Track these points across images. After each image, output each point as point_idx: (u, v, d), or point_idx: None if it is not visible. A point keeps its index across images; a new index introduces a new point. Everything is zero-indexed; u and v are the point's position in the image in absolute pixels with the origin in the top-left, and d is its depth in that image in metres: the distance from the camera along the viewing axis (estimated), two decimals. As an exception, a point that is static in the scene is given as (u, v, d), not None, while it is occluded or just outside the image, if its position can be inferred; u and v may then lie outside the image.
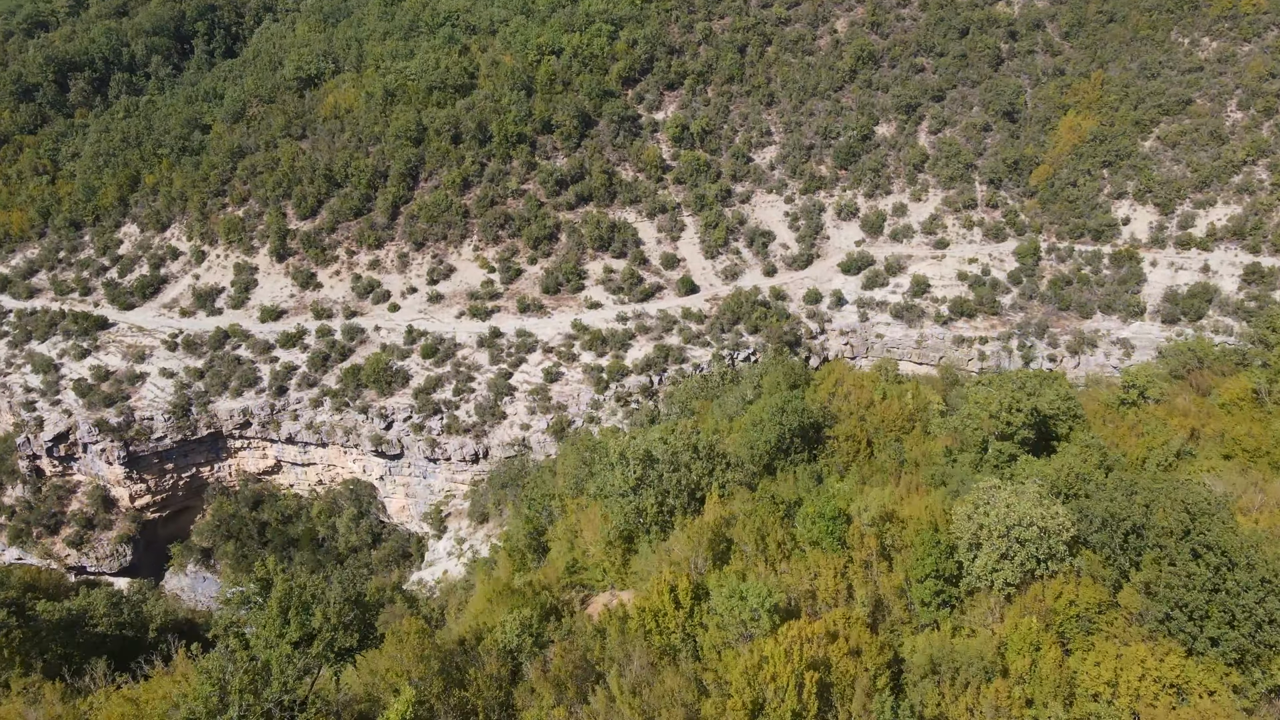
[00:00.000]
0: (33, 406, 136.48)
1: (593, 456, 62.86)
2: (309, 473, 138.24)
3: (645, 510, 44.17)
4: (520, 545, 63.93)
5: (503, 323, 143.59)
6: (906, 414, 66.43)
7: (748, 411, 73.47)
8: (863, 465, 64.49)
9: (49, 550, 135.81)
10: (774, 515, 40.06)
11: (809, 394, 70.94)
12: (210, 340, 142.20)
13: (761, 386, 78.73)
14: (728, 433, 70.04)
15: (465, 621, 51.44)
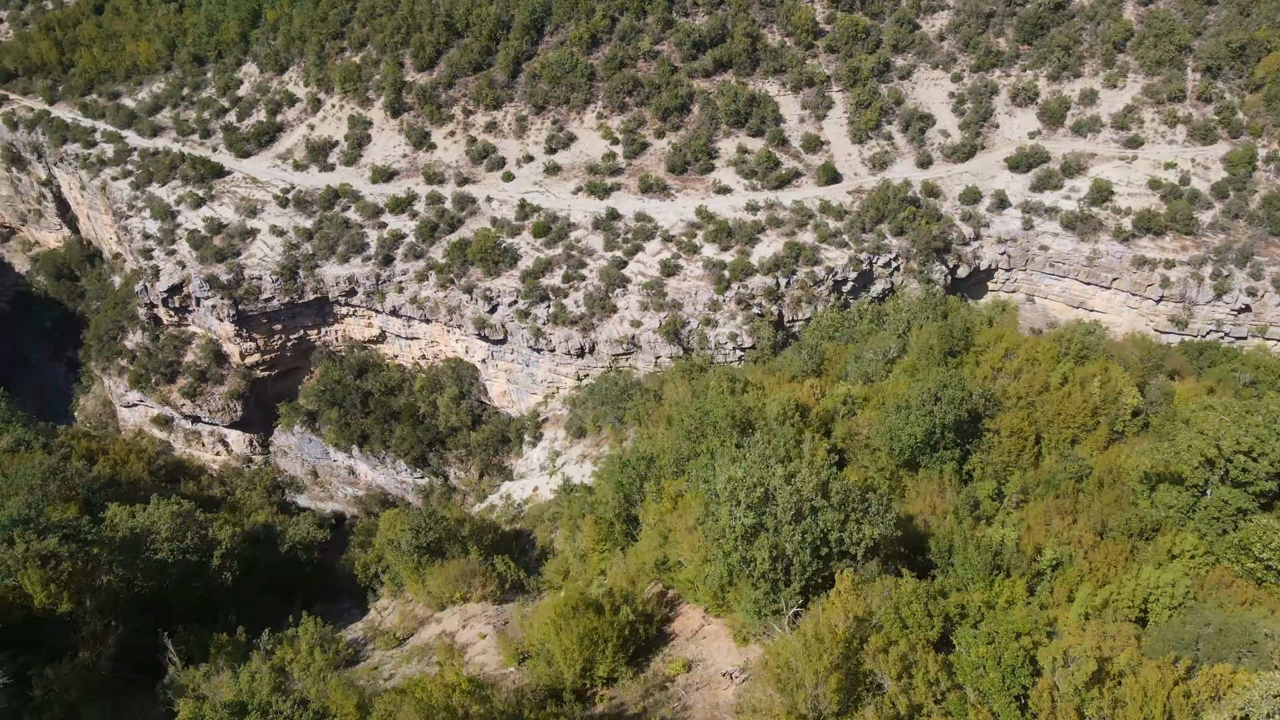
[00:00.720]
0: (150, 254, 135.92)
1: (700, 430, 53.18)
2: (413, 346, 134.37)
3: (755, 561, 34.70)
4: (609, 515, 55.88)
5: (622, 203, 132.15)
6: (1090, 407, 53.54)
7: (890, 375, 61.67)
8: (1026, 470, 52.58)
9: (166, 398, 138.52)
10: (923, 632, 30.05)
11: (969, 367, 58.40)
12: (320, 199, 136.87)
13: (907, 341, 66.35)
14: (863, 402, 58.76)
15: (531, 634, 44.05)
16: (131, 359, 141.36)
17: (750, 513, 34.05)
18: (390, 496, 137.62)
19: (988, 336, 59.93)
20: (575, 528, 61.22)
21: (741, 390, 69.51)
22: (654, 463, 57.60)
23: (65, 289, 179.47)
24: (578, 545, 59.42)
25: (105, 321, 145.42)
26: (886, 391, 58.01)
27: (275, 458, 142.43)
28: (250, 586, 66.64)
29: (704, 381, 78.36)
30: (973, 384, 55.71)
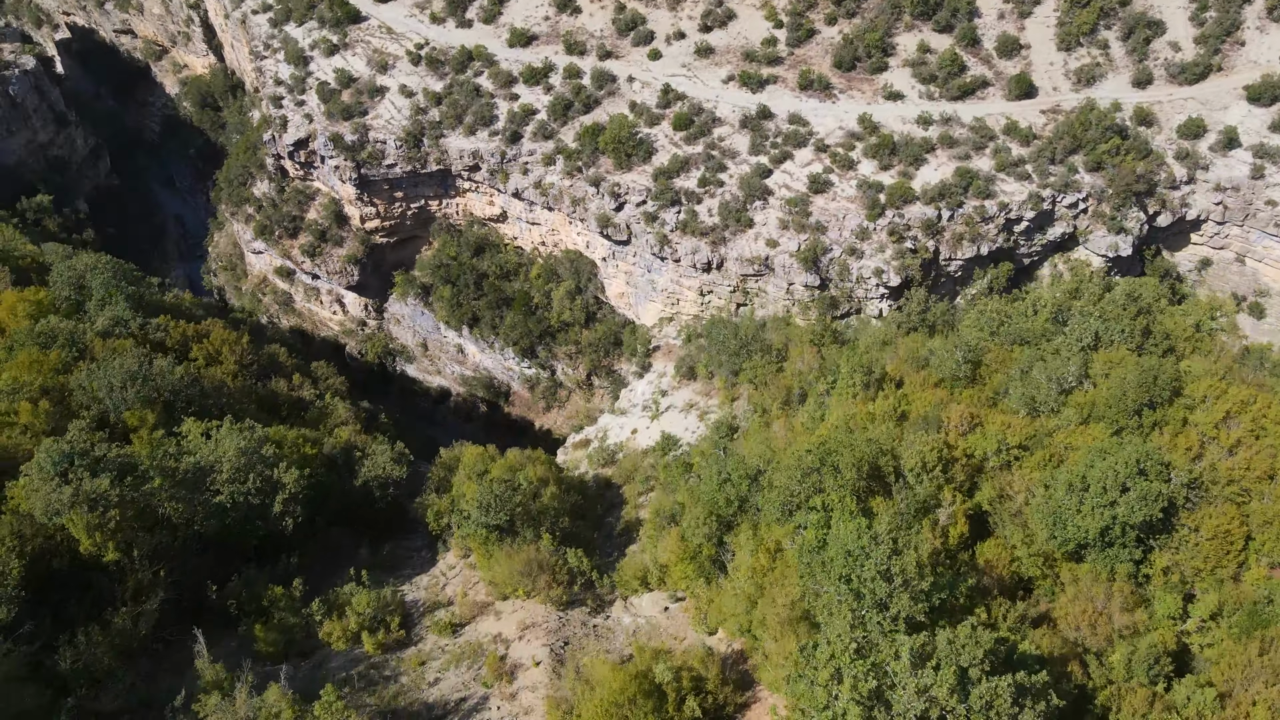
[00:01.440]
0: (280, 102, 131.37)
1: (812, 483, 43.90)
2: (533, 232, 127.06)
3: None
4: (697, 536, 48.37)
5: (776, 100, 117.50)
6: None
7: (1063, 411, 50.30)
8: (1224, 583, 41.48)
9: (287, 252, 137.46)
10: None
11: (1171, 431, 46.10)
12: (453, 61, 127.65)
13: (1091, 360, 53.93)
14: (1021, 452, 47.84)
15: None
16: (258, 208, 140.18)
17: (859, 709, 25.79)
18: (496, 381, 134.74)
19: (1203, 388, 46.65)
20: (661, 528, 54.12)
21: (876, 385, 59.30)
22: (757, 482, 49.21)
23: (208, 118, 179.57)
24: (659, 554, 52.53)
25: (236, 166, 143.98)
26: (1056, 444, 46.86)
27: (389, 324, 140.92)
28: (322, 516, 63.60)
29: (834, 358, 68.17)
30: (1174, 455, 44.01)
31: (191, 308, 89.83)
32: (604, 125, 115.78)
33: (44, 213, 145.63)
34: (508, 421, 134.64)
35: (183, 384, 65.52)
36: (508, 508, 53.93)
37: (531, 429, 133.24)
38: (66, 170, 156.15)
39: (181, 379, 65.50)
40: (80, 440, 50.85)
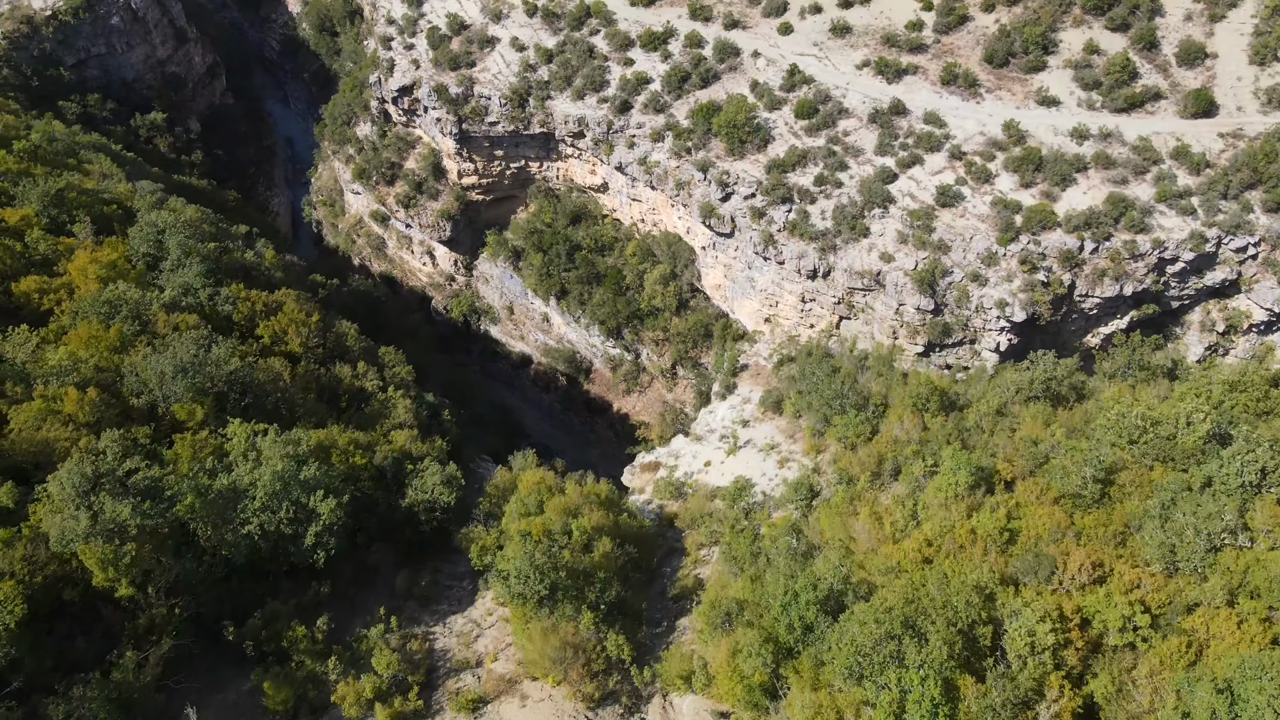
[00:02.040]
0: (389, 43, 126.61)
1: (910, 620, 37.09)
2: (633, 208, 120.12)
3: None
4: (749, 665, 42.49)
5: (913, 94, 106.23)
6: None
7: (1209, 579, 42.09)
8: None
9: (383, 199, 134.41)
10: None
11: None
12: (570, 15, 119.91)
13: (1252, 506, 44.80)
14: (1152, 604, 39.79)
15: None
16: (359, 149, 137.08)
17: None
18: (579, 356, 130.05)
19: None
20: (715, 624, 48.35)
21: (984, 487, 51.69)
22: (826, 611, 42.81)
23: (325, 43, 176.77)
24: (709, 655, 46.95)
25: (342, 103, 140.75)
26: (1196, 626, 38.66)
27: (477, 282, 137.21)
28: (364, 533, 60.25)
29: (938, 432, 60.28)
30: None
31: (270, 270, 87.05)
32: (720, 105, 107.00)
33: (156, 131, 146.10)
34: (586, 399, 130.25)
35: (238, 376, 62.45)
36: (549, 578, 48.96)
37: (609, 410, 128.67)
38: (182, 88, 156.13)
39: (236, 371, 62.40)
40: (109, 458, 47.90)
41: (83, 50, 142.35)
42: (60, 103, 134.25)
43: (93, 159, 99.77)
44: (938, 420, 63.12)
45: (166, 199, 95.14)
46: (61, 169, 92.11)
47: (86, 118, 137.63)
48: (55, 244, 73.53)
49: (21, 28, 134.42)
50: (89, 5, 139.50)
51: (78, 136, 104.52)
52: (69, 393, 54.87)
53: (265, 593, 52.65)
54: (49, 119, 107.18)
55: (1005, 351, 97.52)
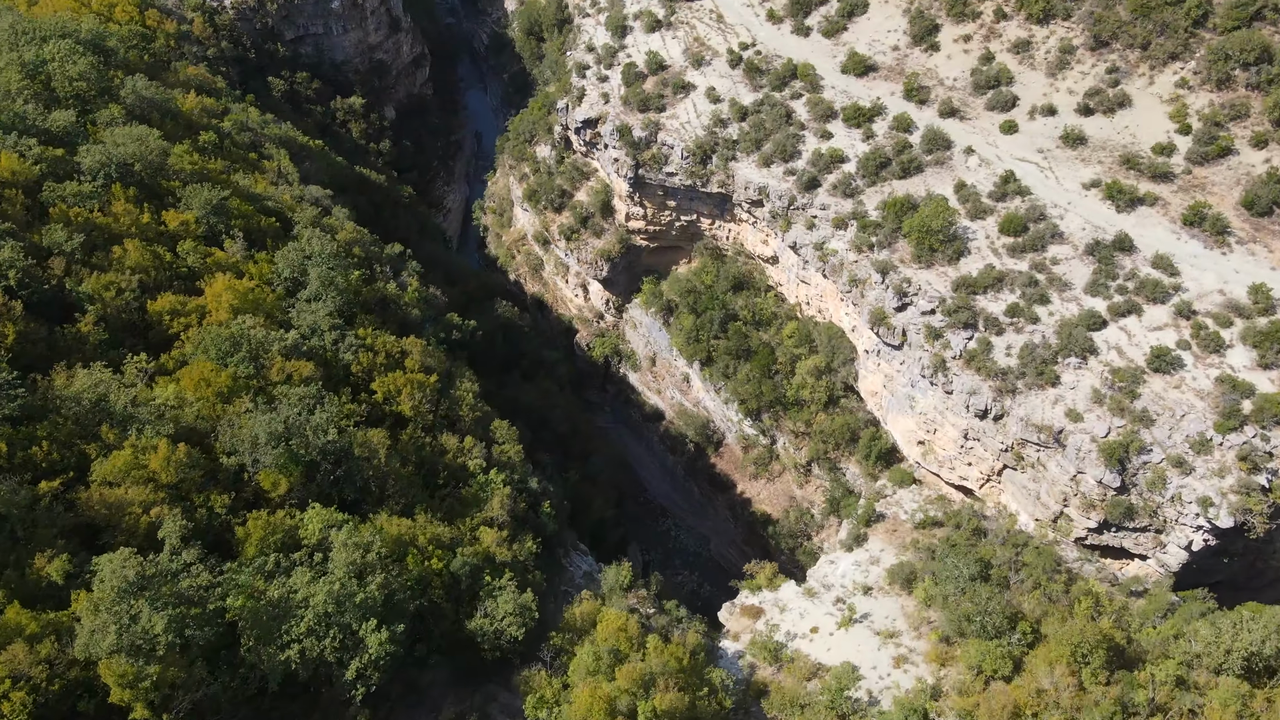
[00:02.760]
0: (584, 71, 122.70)
1: None
2: (800, 289, 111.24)
3: None
4: None
5: (1144, 230, 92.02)
6: None
7: None
8: None
9: (547, 225, 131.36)
10: None
11: None
12: (774, 74, 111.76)
13: None
14: None
15: None
16: (534, 170, 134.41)
17: None
18: (712, 426, 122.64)
19: None
20: None
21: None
22: None
23: (530, 47, 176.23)
24: None
25: (527, 120, 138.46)
26: None
27: (625, 325, 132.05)
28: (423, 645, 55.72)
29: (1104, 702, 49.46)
30: None
31: (409, 306, 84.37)
32: (917, 203, 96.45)
33: (353, 115, 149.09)
34: (710, 472, 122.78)
35: (332, 447, 59.09)
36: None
37: (732, 490, 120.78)
38: (386, 75, 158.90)
39: (332, 443, 59.00)
40: (164, 557, 44.87)
41: (302, 28, 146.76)
42: (270, 78, 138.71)
43: (274, 154, 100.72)
44: (1098, 682, 51.88)
45: (330, 210, 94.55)
46: (239, 164, 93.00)
47: (291, 95, 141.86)
48: (205, 255, 73.01)
49: (250, 1, 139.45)
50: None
51: (267, 127, 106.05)
52: (160, 447, 52.69)
53: (299, 714, 48.64)
54: (246, 105, 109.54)
55: (1197, 553, 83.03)
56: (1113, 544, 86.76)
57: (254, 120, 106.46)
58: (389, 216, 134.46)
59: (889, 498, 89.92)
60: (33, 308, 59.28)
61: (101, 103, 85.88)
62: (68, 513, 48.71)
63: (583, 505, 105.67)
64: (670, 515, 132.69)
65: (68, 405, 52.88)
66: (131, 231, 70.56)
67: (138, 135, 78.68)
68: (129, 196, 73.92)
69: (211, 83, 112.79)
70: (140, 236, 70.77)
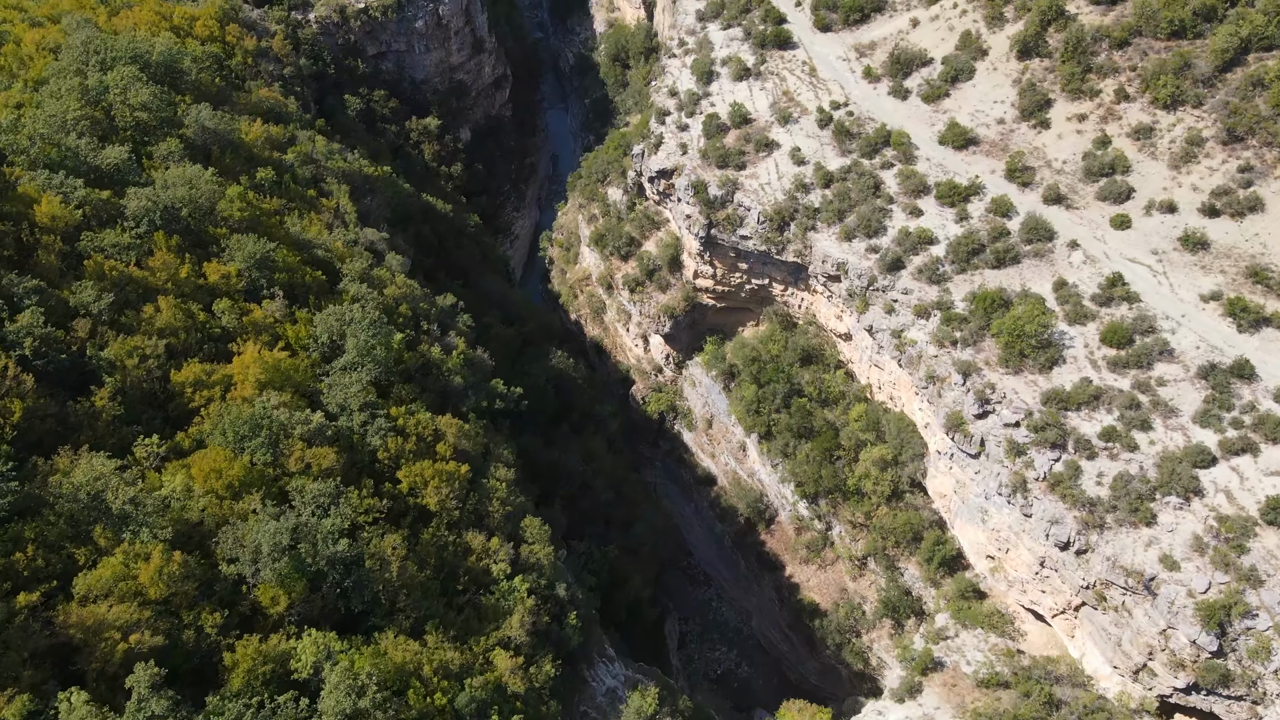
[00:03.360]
0: (664, 117, 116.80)
1: None
2: (872, 372, 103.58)
3: None
4: None
5: (1269, 356, 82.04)
6: None
7: None
8: None
9: (611, 271, 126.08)
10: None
11: None
12: (864, 141, 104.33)
13: None
14: None
15: None
16: (604, 212, 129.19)
17: None
18: (765, 502, 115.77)
19: None
20: None
21: None
22: None
23: (615, 74, 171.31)
24: None
25: (601, 159, 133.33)
26: None
27: (683, 382, 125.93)
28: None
29: None
30: None
31: (450, 373, 79.54)
32: (1010, 300, 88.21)
33: (427, 136, 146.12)
34: (759, 550, 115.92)
35: (340, 557, 54.48)
36: None
37: (780, 571, 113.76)
38: (465, 95, 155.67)
39: (343, 553, 54.38)
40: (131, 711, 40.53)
41: (384, 44, 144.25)
42: (347, 95, 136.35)
43: (334, 190, 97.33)
44: None
45: (383, 257, 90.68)
46: (295, 203, 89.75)
47: (367, 113, 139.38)
48: (242, 314, 69.36)
49: (334, 15, 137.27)
50: (399, 6, 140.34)
51: (331, 159, 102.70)
52: (153, 556, 48.66)
53: None
54: (313, 134, 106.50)
55: (1300, 734, 73.36)
56: (1201, 707, 77.70)
57: (319, 150, 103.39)
58: (452, 246, 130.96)
59: (950, 641, 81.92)
60: (47, 378, 55.98)
61: (161, 134, 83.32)
62: (44, 631, 44.89)
63: (620, 582, 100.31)
64: (713, 584, 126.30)
65: (62, 502, 49.17)
66: (168, 287, 67.20)
67: (190, 177, 75.64)
68: (171, 246, 70.68)
69: (283, 106, 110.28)
70: (176, 292, 67.39)
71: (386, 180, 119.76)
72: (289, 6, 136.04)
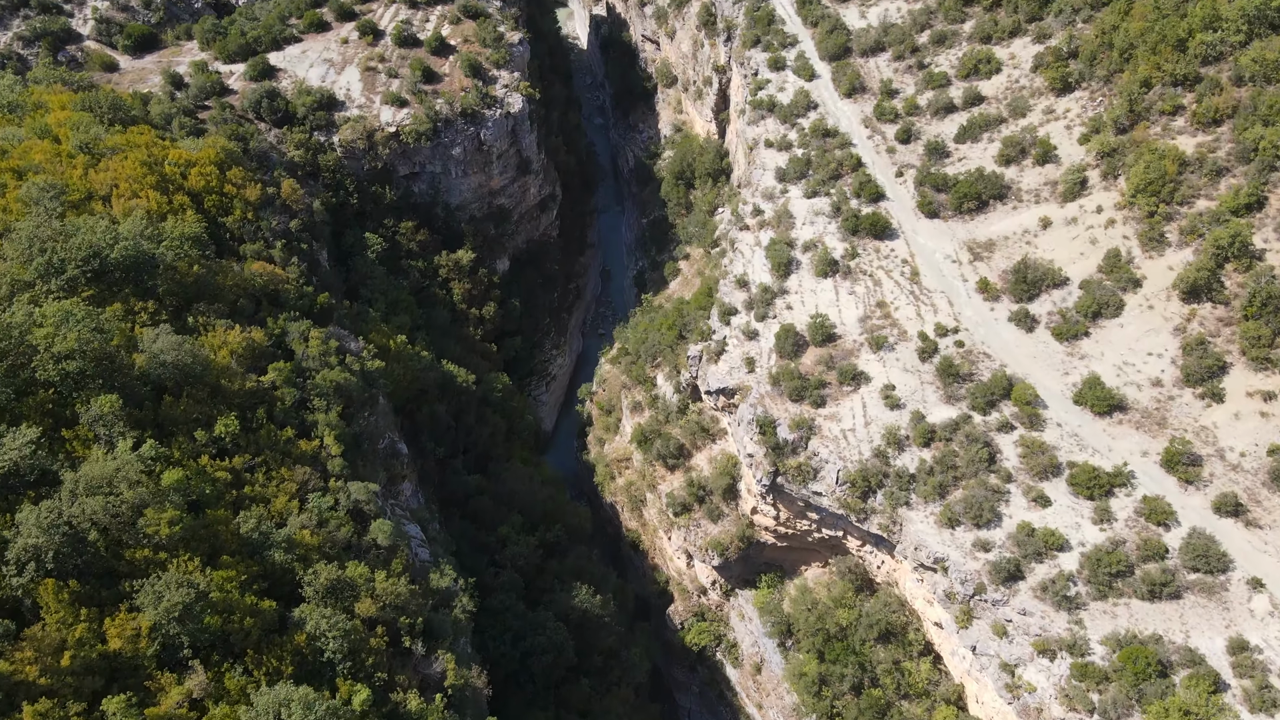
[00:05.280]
0: (728, 318, 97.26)
1: None
2: (968, 681, 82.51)
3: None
4: None
5: None
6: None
7: None
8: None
9: (654, 478, 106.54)
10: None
11: None
12: (979, 389, 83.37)
13: None
14: None
15: None
16: (649, 402, 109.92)
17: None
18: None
19: None
20: None
21: None
22: None
23: (677, 195, 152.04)
24: None
25: (655, 334, 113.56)
26: None
27: (730, 612, 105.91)
28: None
29: None
30: None
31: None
32: (1166, 664, 66.73)
33: (459, 273, 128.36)
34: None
35: None
36: None
37: None
38: (505, 221, 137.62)
39: None
40: None
41: (418, 165, 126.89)
42: (368, 235, 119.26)
43: (319, 420, 79.29)
44: None
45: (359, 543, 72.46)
46: (265, 455, 72.14)
47: (391, 253, 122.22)
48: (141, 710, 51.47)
49: (360, 142, 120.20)
50: (435, 131, 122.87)
51: (324, 370, 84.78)
52: None
53: None
54: (306, 328, 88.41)
55: None
56: None
57: (311, 354, 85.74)
58: (473, 421, 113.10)
59: None
60: None
61: (95, 388, 66.22)
62: None
63: None
64: None
65: None
66: (41, 683, 49.55)
67: (107, 476, 58.08)
68: (64, 599, 53.21)
69: (280, 281, 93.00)
70: (54, 684, 49.76)
71: (399, 354, 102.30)
72: (310, 127, 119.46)
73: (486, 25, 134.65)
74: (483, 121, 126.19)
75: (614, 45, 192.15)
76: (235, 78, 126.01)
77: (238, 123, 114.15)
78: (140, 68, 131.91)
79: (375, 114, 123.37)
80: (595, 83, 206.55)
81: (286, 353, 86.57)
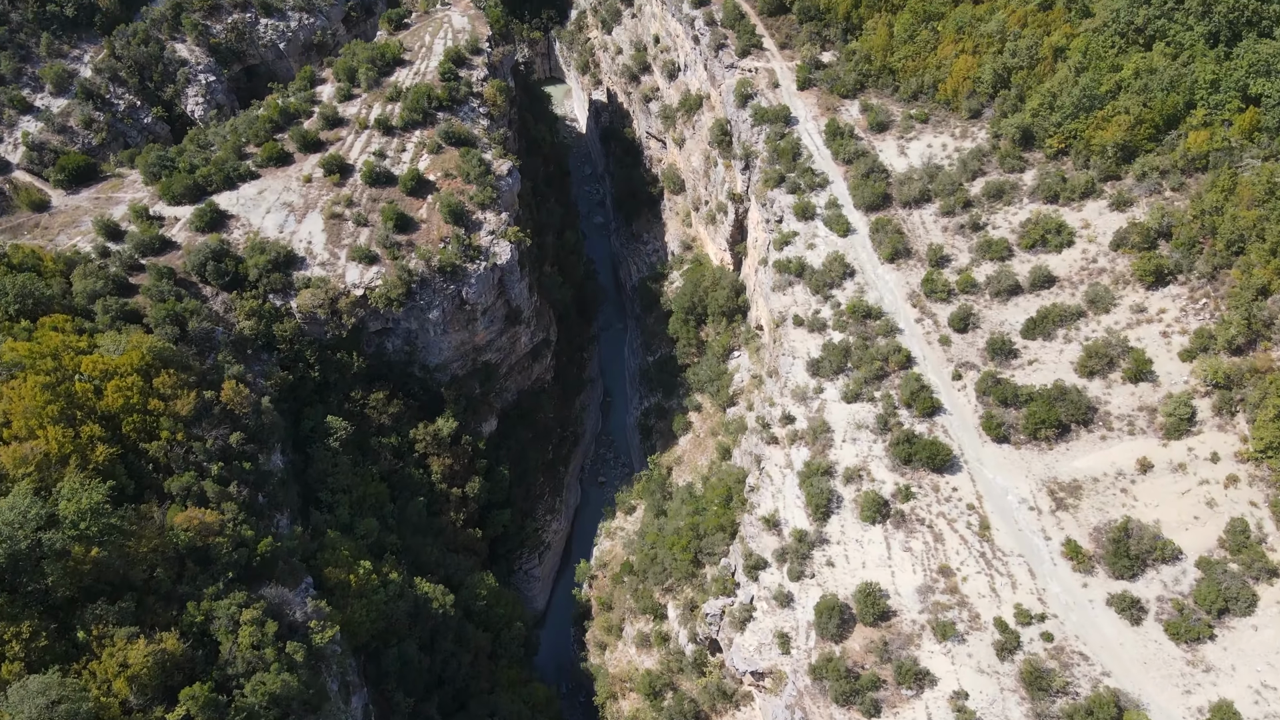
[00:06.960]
0: (756, 573, 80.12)
1: None
2: None
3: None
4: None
5: None
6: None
7: None
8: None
9: None
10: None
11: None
12: (1077, 713, 66.16)
13: None
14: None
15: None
16: (658, 640, 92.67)
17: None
18: None
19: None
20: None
21: None
22: None
23: (686, 334, 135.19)
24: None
25: (660, 555, 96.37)
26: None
27: None
28: None
29: None
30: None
31: None
32: None
33: (438, 446, 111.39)
34: None
35: None
36: None
37: None
38: (491, 378, 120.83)
39: None
40: None
41: (391, 320, 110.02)
42: (330, 418, 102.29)
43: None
44: None
45: None
46: None
47: (359, 432, 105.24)
48: None
49: (320, 311, 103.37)
50: (409, 294, 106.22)
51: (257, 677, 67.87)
52: None
53: None
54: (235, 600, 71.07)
55: None
56: None
57: (244, 642, 68.94)
58: (451, 649, 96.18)
59: None
60: None
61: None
62: None
63: None
64: None
65: None
66: None
67: None
68: None
69: (209, 532, 76.01)
70: None
71: (364, 592, 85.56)
72: (265, 290, 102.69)
73: (470, 156, 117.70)
74: (465, 278, 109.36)
75: (615, 139, 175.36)
76: (180, 225, 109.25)
77: (176, 296, 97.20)
78: (74, 206, 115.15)
79: (340, 273, 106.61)
80: (595, 174, 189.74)
81: (210, 651, 69.86)
